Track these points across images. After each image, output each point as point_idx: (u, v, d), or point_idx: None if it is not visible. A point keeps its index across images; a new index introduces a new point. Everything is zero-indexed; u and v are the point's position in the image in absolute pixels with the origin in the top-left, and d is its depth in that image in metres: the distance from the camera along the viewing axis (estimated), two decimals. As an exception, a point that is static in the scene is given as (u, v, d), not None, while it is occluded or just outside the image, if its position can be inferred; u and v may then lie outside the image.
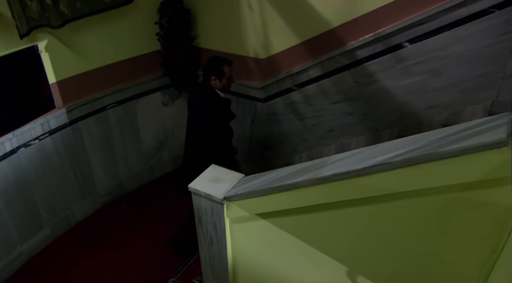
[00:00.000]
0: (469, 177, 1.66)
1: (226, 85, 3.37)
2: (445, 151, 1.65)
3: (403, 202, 1.91)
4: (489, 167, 1.59)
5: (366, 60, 3.57)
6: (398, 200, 1.92)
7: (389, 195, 1.90)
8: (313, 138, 4.21)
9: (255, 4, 3.98)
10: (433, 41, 3.27)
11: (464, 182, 1.69)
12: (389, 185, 1.84)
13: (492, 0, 2.99)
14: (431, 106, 3.51)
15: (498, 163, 1.56)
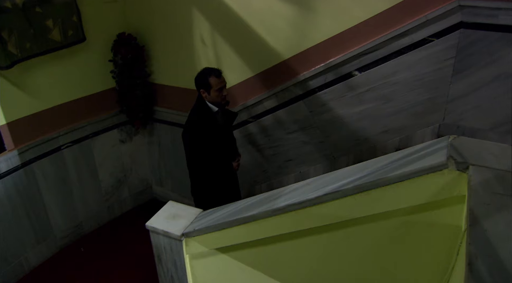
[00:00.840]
0: (416, 200, 1.71)
1: (216, 98, 3.16)
2: (391, 177, 1.70)
3: (358, 228, 1.94)
4: (433, 189, 1.65)
5: (319, 89, 3.66)
6: (352, 226, 1.94)
7: (344, 222, 1.92)
8: (272, 168, 4.24)
9: (208, 39, 4.05)
10: (381, 69, 3.40)
11: (412, 205, 1.74)
12: (342, 212, 1.87)
13: (431, 29, 3.15)
14: (384, 131, 3.61)
15: (441, 185, 1.62)
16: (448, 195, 1.63)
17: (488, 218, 1.30)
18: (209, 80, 3.12)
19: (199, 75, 3.19)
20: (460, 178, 1.57)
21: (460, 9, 3.04)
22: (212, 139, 3.23)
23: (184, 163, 4.74)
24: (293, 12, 3.55)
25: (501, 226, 1.27)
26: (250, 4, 3.72)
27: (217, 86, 3.14)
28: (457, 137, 1.73)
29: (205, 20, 4.00)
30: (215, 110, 3.23)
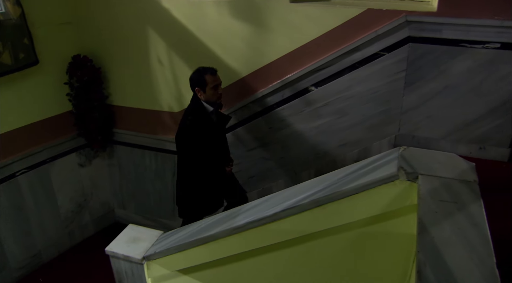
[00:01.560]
0: (371, 211, 1.75)
1: (211, 96, 3.14)
2: (346, 190, 1.73)
3: (317, 241, 1.96)
4: (387, 200, 1.69)
5: (277, 105, 3.70)
6: (312, 241, 1.96)
7: (304, 237, 1.94)
8: (235, 185, 4.24)
9: (164, 59, 4.05)
10: (336, 84, 3.48)
11: (367, 216, 1.77)
12: (301, 227, 1.89)
13: (381, 44, 3.25)
14: (343, 145, 3.68)
15: (394, 195, 1.67)
16: (401, 205, 1.68)
17: (436, 225, 1.35)
18: (205, 78, 3.11)
19: (195, 74, 3.18)
20: (411, 188, 1.62)
21: (407, 25, 3.16)
22: (208, 140, 3.19)
23: (147, 185, 4.72)
24: (248, 31, 3.60)
25: (447, 232, 1.31)
26: (205, 24, 3.76)
27: (213, 83, 3.12)
28: (407, 148, 1.78)
29: (161, 40, 4.01)
30: (211, 110, 3.19)
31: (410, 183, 1.62)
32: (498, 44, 3.03)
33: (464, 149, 3.41)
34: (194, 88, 3.18)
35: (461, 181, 1.56)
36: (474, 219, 1.37)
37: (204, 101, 3.17)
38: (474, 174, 1.61)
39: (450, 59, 3.16)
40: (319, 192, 1.82)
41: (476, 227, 1.34)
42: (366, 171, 1.77)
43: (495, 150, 3.36)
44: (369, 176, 1.71)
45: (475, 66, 3.12)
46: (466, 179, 1.57)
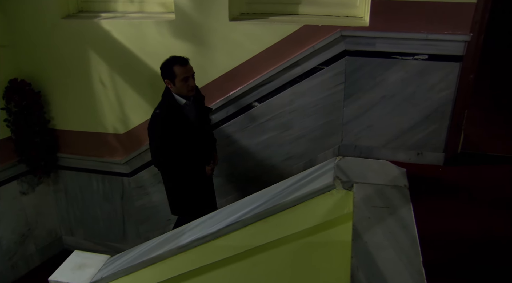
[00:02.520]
0: (311, 222, 1.79)
1: (181, 88, 2.94)
2: (286, 202, 1.77)
3: (262, 255, 1.98)
4: (325, 209, 1.74)
5: (222, 122, 3.74)
6: (257, 254, 1.98)
7: (248, 251, 1.95)
8: (185, 204, 4.21)
9: (107, 81, 4.01)
10: (279, 98, 3.56)
11: (308, 227, 1.82)
12: (244, 242, 1.91)
13: (320, 58, 3.37)
14: (289, 158, 3.75)
15: (331, 204, 1.72)
16: (339, 213, 1.73)
17: (369, 230, 1.40)
18: (174, 69, 2.92)
19: (163, 64, 3.00)
20: (347, 196, 1.68)
21: (343, 39, 3.29)
22: (178, 135, 2.98)
23: (95, 209, 4.60)
24: (190, 50, 3.62)
25: (379, 237, 1.37)
26: (147, 44, 3.76)
27: (182, 75, 2.92)
28: (343, 158, 1.85)
29: (102, 62, 3.96)
30: (183, 102, 3.00)
31: (346, 192, 1.68)
32: (426, 56, 3.22)
33: (403, 156, 3.56)
34: (164, 80, 3.00)
35: (392, 187, 1.63)
36: (404, 222, 1.44)
37: (175, 93, 2.99)
38: (405, 179, 1.69)
39: (385, 70, 3.31)
40: (260, 206, 1.85)
41: (406, 229, 1.41)
42: (305, 183, 1.82)
43: (432, 155, 3.53)
44: (307, 188, 1.76)
45: (407, 77, 3.29)
46: (397, 184, 1.65)
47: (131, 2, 3.94)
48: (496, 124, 4.44)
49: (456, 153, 3.69)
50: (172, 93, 3.00)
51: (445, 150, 3.56)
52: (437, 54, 3.22)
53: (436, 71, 3.26)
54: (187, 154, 3.07)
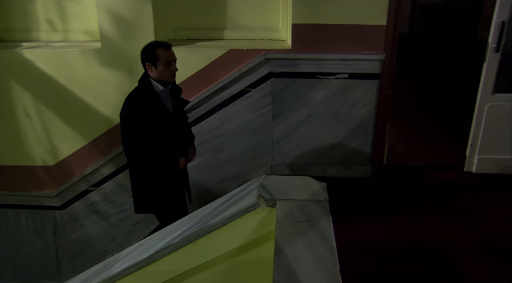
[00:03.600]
0: (239, 241, 1.83)
1: (163, 73, 2.80)
2: (213, 223, 1.80)
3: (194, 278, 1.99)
4: (251, 228, 1.79)
5: (153, 149, 3.72)
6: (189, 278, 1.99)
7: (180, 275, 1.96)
8: (121, 234, 4.12)
9: (32, 112, 3.89)
10: (209, 122, 3.61)
11: (237, 246, 1.86)
12: (176, 266, 1.91)
13: (247, 81, 3.47)
14: (222, 180, 3.79)
15: (257, 223, 1.77)
16: (265, 231, 1.78)
17: (290, 244, 1.46)
18: (157, 52, 2.79)
19: (145, 47, 2.86)
20: (271, 213, 1.74)
21: (267, 62, 3.42)
22: (153, 122, 2.82)
23: (25, 246, 4.38)
24: (118, 78, 3.62)
25: (300, 250, 1.43)
26: (73, 73, 3.71)
27: (166, 58, 2.80)
28: (267, 176, 1.91)
29: (27, 93, 3.85)
30: (160, 88, 2.86)
31: (270, 209, 1.74)
32: (346, 75, 3.41)
33: (333, 171, 3.71)
34: (144, 64, 2.85)
35: (313, 201, 1.71)
36: (323, 234, 1.52)
37: (154, 79, 2.86)
38: (325, 193, 1.77)
39: (309, 90, 3.47)
40: (189, 229, 1.87)
41: (325, 240, 1.48)
42: (231, 203, 1.87)
43: (359, 169, 3.71)
44: (233, 208, 1.80)
45: (330, 95, 3.46)
46: (318, 198, 1.73)
47: (54, 31, 3.87)
48: (417, 136, 4.74)
49: (382, 165, 3.90)
50: (150, 78, 2.86)
51: (371, 163, 3.75)
52: (357, 73, 3.43)
53: (356, 89, 3.45)
54: (161, 144, 2.91)
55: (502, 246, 2.94)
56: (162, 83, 2.86)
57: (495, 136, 3.73)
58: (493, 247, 2.96)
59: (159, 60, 2.79)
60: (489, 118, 3.68)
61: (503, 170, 3.81)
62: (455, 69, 6.86)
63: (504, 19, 3.36)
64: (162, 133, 2.89)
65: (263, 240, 1.80)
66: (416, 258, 2.87)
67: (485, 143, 3.77)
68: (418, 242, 3.01)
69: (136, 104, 2.83)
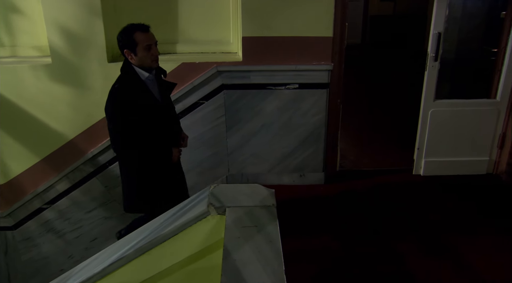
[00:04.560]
0: (192, 249, 1.88)
1: (144, 58, 2.59)
2: (166, 233, 1.85)
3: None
4: (203, 235, 1.85)
5: (110, 163, 3.71)
6: (145, 289, 2.01)
7: (135, 287, 1.98)
8: (78, 251, 4.06)
9: (-19, 130, 3.79)
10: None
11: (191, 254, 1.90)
12: (130, 277, 1.94)
13: (200, 94, 3.53)
14: (180, 191, 3.82)
15: (209, 230, 1.83)
16: (217, 238, 1.84)
17: (238, 249, 1.53)
18: (134, 37, 2.57)
19: (121, 33, 2.63)
20: (221, 221, 1.80)
21: (219, 74, 3.49)
22: (141, 113, 2.63)
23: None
24: (70, 94, 3.60)
25: (247, 253, 1.50)
26: (24, 90, 3.65)
27: (145, 42, 2.58)
28: (217, 185, 1.97)
29: (-25, 110, 3.76)
30: (146, 76, 2.66)
31: (220, 216, 1.80)
32: (296, 85, 3.52)
33: (287, 179, 3.80)
34: (123, 51, 2.63)
35: (261, 207, 1.78)
36: (270, 237, 1.59)
37: (136, 66, 2.65)
38: (273, 199, 1.85)
39: (261, 101, 3.56)
40: (142, 240, 1.90)
41: (271, 243, 1.55)
42: (183, 212, 1.91)
43: (313, 176, 3.82)
44: (184, 217, 1.85)
45: (282, 105, 3.56)
46: (266, 204, 1.80)
47: (2, 47, 3.81)
48: (369, 142, 4.92)
49: (335, 172, 4.02)
50: (132, 66, 2.65)
51: (325, 170, 3.87)
52: (307, 83, 3.55)
53: (307, 98, 3.57)
54: (151, 135, 2.72)
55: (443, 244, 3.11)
56: (146, 69, 2.66)
57: (439, 140, 3.94)
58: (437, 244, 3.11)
59: (138, 45, 2.58)
60: (432, 123, 3.89)
61: (448, 171, 4.03)
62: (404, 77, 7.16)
63: (440, 30, 3.58)
64: (152, 124, 2.70)
65: (215, 247, 1.85)
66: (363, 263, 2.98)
67: (431, 146, 3.97)
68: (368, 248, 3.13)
69: (122, 95, 2.63)
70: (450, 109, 3.88)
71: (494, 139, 4.00)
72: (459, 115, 3.91)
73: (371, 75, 8.19)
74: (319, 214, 3.47)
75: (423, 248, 3.06)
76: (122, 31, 2.64)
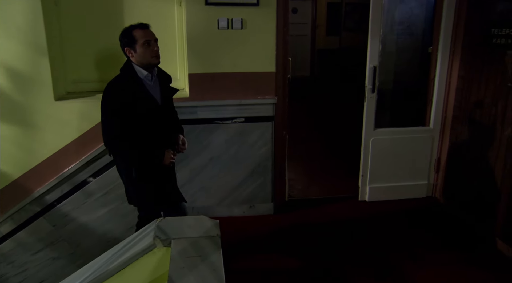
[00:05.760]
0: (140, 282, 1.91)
1: (144, 54, 2.62)
2: (113, 267, 1.87)
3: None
4: (151, 268, 1.89)
5: (57, 202, 3.66)
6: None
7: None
8: (24, 295, 3.92)
9: None
10: (114, 171, 3.62)
11: (138, 288, 1.93)
12: (77, 315, 1.93)
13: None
14: (131, 227, 3.77)
15: (156, 262, 1.87)
16: (163, 271, 1.88)
17: (182, 278, 1.58)
18: (133, 33, 2.63)
19: (122, 33, 2.69)
20: (167, 252, 1.85)
21: (167, 110, 3.57)
22: (137, 112, 2.63)
23: None
24: (15, 132, 3.55)
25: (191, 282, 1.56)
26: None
27: (144, 38, 2.62)
28: (163, 219, 2.02)
29: None
30: (144, 74, 2.69)
31: (166, 249, 1.85)
32: (242, 119, 3.65)
33: (238, 210, 3.88)
34: (124, 50, 2.69)
35: (205, 237, 1.85)
36: (214, 266, 1.65)
37: (136, 64, 2.69)
38: (217, 229, 1.92)
39: (209, 134, 3.66)
40: (90, 276, 1.91)
41: (215, 272, 1.62)
42: (130, 246, 1.95)
43: (262, 206, 3.92)
44: (131, 250, 1.89)
45: (229, 138, 3.68)
46: (210, 234, 1.87)
47: None
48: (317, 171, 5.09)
49: (284, 201, 4.14)
50: (132, 64, 2.70)
51: (274, 200, 3.98)
52: (252, 116, 3.69)
53: (253, 131, 3.71)
54: (143, 133, 2.71)
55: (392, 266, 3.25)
56: (146, 67, 2.70)
57: (381, 167, 4.16)
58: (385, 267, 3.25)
59: (137, 42, 2.63)
60: (374, 150, 4.11)
61: (391, 196, 4.23)
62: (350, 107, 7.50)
63: (375, 64, 3.84)
64: (148, 126, 2.72)
65: (162, 279, 1.89)
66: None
67: (374, 173, 4.18)
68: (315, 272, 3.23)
69: (118, 93, 2.63)
70: (389, 137, 4.12)
71: (430, 164, 4.27)
72: (398, 143, 4.16)
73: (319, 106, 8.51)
74: (267, 243, 3.55)
75: (371, 271, 3.20)
76: (122, 32, 2.70)
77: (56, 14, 3.54)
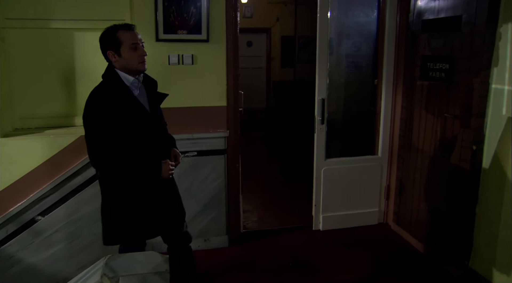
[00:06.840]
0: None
1: (131, 59, 2.35)
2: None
3: None
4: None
5: (2, 243, 3.51)
6: None
7: None
8: None
9: None
10: (63, 209, 3.54)
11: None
12: None
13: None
14: (81, 267, 3.63)
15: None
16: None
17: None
18: (118, 35, 2.33)
19: (103, 34, 2.38)
20: (116, 290, 1.83)
21: (119, 145, 3.54)
22: (124, 123, 2.35)
23: None
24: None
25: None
26: None
27: (130, 41, 2.34)
28: (112, 255, 2.01)
29: None
30: (130, 80, 2.40)
31: (114, 286, 1.82)
32: (195, 153, 3.68)
33: (192, 244, 3.81)
34: (106, 53, 2.39)
35: (155, 273, 1.84)
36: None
37: (120, 70, 2.40)
38: (166, 264, 1.92)
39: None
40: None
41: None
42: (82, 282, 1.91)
43: (217, 239, 3.91)
44: (80, 288, 1.85)
45: (182, 172, 3.68)
46: (159, 270, 1.87)
47: None
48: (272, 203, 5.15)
49: (239, 234, 4.15)
50: (115, 70, 2.40)
51: (228, 233, 3.98)
52: (205, 150, 3.73)
53: (206, 165, 3.74)
54: (135, 147, 2.42)
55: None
56: (131, 72, 2.42)
57: (333, 195, 4.27)
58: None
59: (122, 45, 2.35)
60: (326, 180, 4.22)
61: (345, 224, 4.32)
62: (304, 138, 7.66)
63: (324, 97, 3.99)
64: (136, 137, 2.43)
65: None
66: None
67: (326, 202, 4.28)
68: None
69: (103, 103, 2.33)
70: (340, 166, 4.25)
71: (381, 191, 4.41)
72: (349, 172, 4.28)
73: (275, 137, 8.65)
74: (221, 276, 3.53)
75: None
76: (104, 33, 2.41)
77: (2, 50, 3.50)
